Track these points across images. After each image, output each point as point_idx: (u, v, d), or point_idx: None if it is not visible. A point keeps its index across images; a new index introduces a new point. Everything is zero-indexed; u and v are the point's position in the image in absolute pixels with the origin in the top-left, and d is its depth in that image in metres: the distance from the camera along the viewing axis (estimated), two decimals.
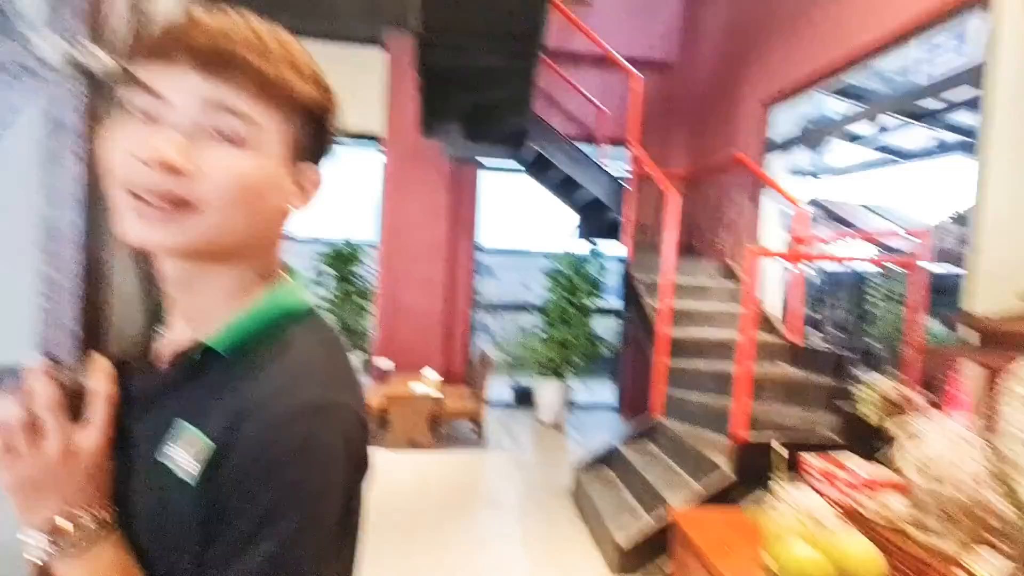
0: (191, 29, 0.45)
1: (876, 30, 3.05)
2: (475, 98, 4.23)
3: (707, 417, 3.11)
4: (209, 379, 0.49)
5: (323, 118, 0.52)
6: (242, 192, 0.46)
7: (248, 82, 0.45)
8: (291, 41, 0.49)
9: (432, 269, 5.18)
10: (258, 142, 0.47)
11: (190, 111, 0.45)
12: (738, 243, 4.26)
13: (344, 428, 0.47)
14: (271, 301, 0.52)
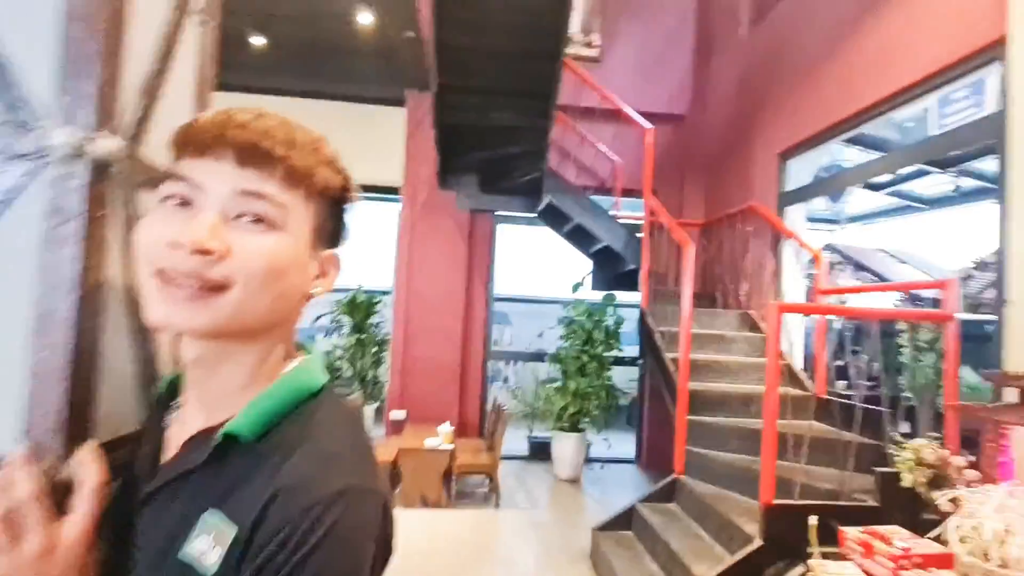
0: (236, 127, 0.48)
1: (888, 84, 3.08)
2: (490, 153, 4.35)
3: (732, 477, 2.95)
4: (230, 464, 0.49)
5: (342, 202, 0.56)
6: (269, 271, 0.48)
7: (278, 170, 0.49)
8: (316, 134, 0.53)
9: (448, 318, 5.18)
10: (286, 224, 0.50)
11: (223, 197, 0.48)
12: (757, 293, 4.18)
13: (373, 515, 0.48)
14: (292, 381, 0.53)
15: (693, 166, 5.43)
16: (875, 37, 3.24)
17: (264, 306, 0.49)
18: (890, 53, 3.09)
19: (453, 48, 3.43)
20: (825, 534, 2.13)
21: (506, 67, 3.61)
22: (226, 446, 0.49)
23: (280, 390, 0.52)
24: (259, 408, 0.50)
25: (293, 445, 0.48)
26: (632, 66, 5.40)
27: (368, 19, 4.10)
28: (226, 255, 0.47)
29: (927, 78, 2.80)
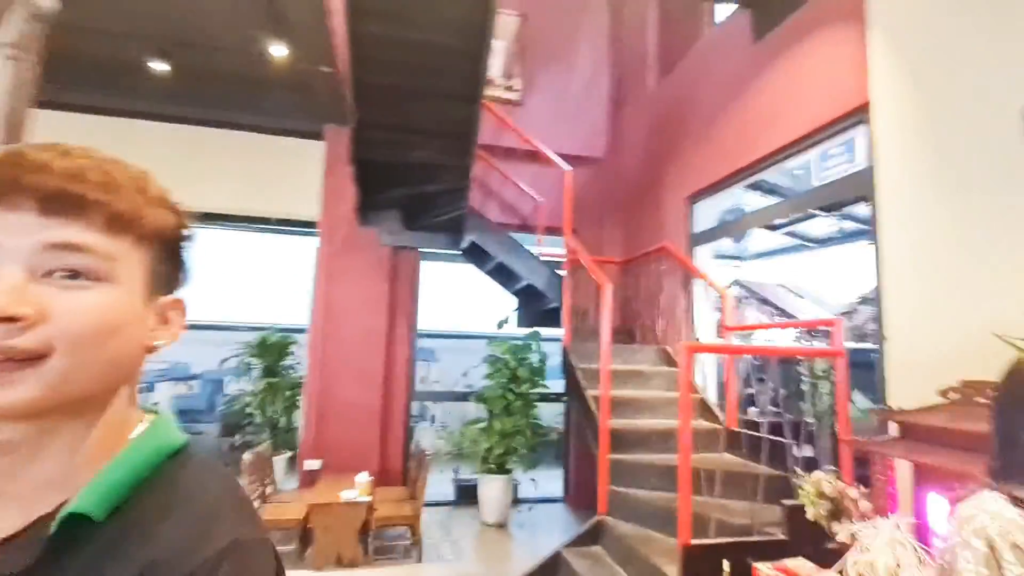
0: (34, 170, 0.41)
1: (778, 137, 3.39)
2: (412, 189, 4.28)
3: (652, 516, 2.96)
4: (68, 559, 0.40)
5: (178, 243, 0.49)
6: (98, 331, 0.42)
7: (97, 217, 0.42)
8: (138, 169, 0.47)
9: (368, 358, 4.94)
10: (112, 275, 0.43)
11: (26, 253, 0.40)
12: (673, 328, 4.36)
13: (266, 567, 0.44)
14: (145, 445, 0.46)
15: (611, 206, 5.66)
16: (765, 94, 3.57)
17: (95, 371, 0.42)
18: (778, 109, 3.41)
19: (371, 86, 3.37)
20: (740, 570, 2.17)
21: (426, 107, 3.60)
22: (64, 535, 0.40)
23: (132, 457, 0.45)
24: (108, 480, 0.43)
25: (159, 514, 0.42)
26: (551, 110, 5.61)
27: (282, 51, 3.96)
28: (40, 320, 0.39)
29: (807, 135, 3.11)
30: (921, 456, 1.81)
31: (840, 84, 2.84)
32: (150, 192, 0.46)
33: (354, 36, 3.06)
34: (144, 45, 4.07)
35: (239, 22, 3.77)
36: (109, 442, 0.45)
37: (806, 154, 3.35)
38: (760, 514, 2.58)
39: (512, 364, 4.78)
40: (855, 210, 5.64)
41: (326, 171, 4.98)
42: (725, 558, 2.17)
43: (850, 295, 6.40)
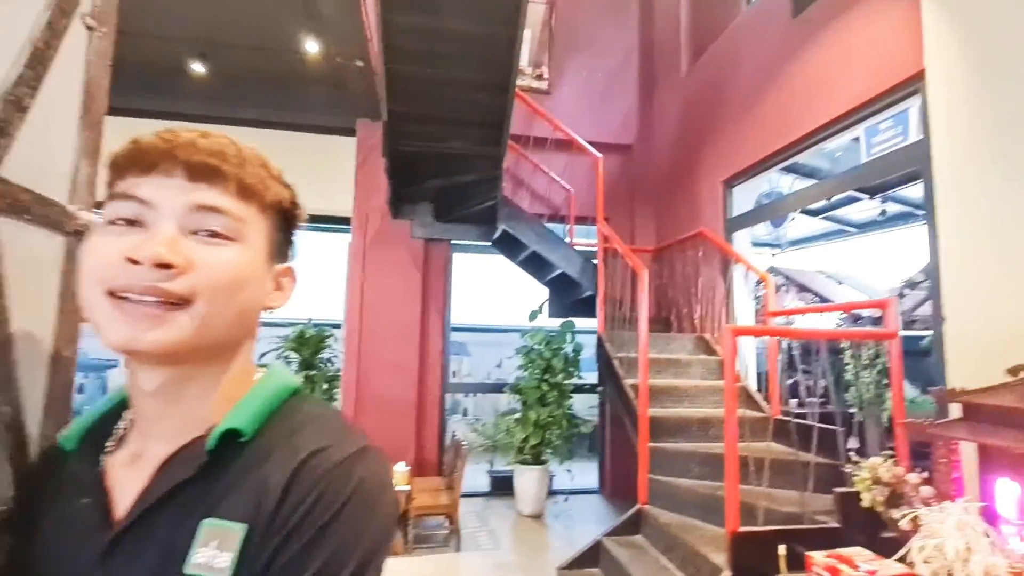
0: (184, 146, 0.48)
1: (817, 116, 3.26)
2: (444, 181, 4.30)
3: (695, 504, 2.91)
4: (218, 471, 0.48)
5: (292, 215, 0.57)
6: (232, 283, 0.48)
7: (232, 184, 0.49)
8: (261, 153, 0.54)
9: (403, 351, 4.99)
10: (243, 237, 0.50)
11: (177, 213, 0.47)
12: (710, 316, 4.26)
13: (388, 471, 0.52)
14: (272, 383, 0.54)
15: (642, 194, 5.57)
16: (805, 72, 3.44)
17: (227, 320, 0.49)
18: (820, 86, 3.28)
19: (403, 78, 3.39)
20: (790, 559, 2.10)
21: (458, 97, 3.60)
22: (217, 450, 0.48)
23: (265, 390, 0.53)
24: (250, 405, 0.51)
25: (296, 430, 0.50)
26: (580, 98, 5.55)
27: (315, 48, 4.02)
28: (187, 269, 0.46)
29: (853, 110, 2.98)
30: (988, 438, 1.71)
31: (890, 54, 2.71)
32: (271, 169, 0.54)
33: (385, 27, 3.07)
34: (183, 48, 4.20)
35: (274, 20, 3.84)
36: (237, 387, 0.52)
37: (851, 132, 3.22)
38: (810, 502, 2.50)
39: (546, 354, 4.76)
40: (901, 192, 5.42)
41: (358, 166, 5.04)
42: (777, 545, 2.10)
43: (894, 280, 6.15)
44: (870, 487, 2.08)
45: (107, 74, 0.71)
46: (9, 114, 0.54)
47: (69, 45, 0.63)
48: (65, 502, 0.51)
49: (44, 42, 0.59)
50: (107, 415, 0.55)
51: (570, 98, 5.49)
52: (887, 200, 5.72)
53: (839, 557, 1.97)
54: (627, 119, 5.67)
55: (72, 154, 0.65)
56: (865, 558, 1.94)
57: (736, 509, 2.28)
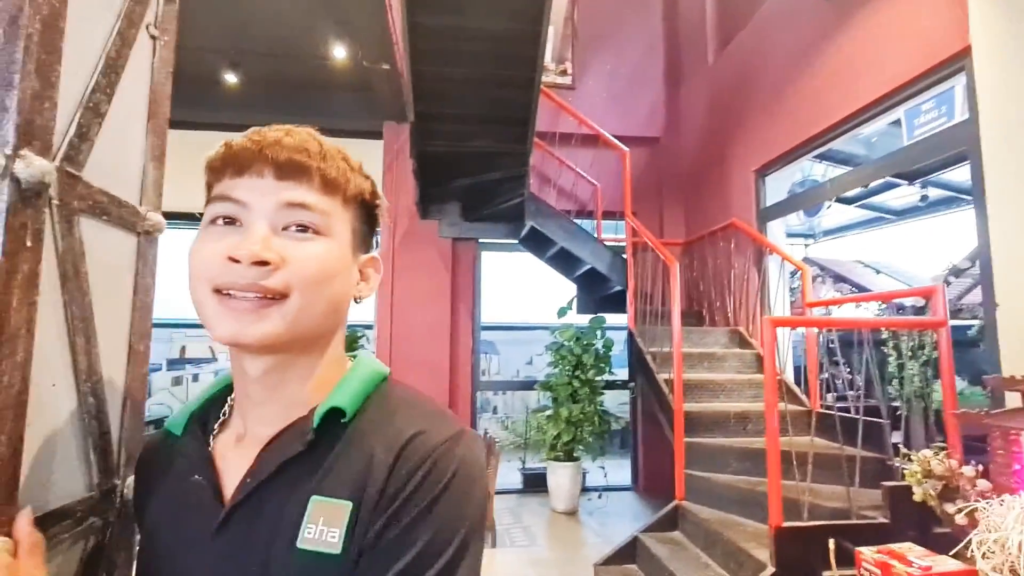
0: (272, 145, 0.51)
1: (856, 99, 3.15)
2: (471, 180, 4.32)
3: (735, 500, 2.86)
4: (322, 449, 0.50)
5: (373, 205, 0.58)
6: (322, 276, 0.51)
7: (316, 180, 0.51)
8: (340, 146, 0.56)
9: (433, 350, 5.05)
10: (330, 230, 0.52)
11: (268, 211, 0.50)
12: (744, 309, 4.18)
13: (482, 449, 0.54)
14: (366, 369, 0.57)
15: (671, 187, 5.49)
16: (840, 55, 3.34)
17: (319, 311, 0.51)
18: (856, 70, 3.18)
19: (429, 78, 3.42)
20: (837, 556, 2.04)
21: (483, 96, 3.62)
22: (321, 430, 0.51)
23: (360, 375, 0.56)
24: (349, 388, 0.54)
25: (393, 412, 0.53)
26: (605, 92, 5.50)
27: (342, 53, 4.10)
28: (281, 265, 0.49)
29: (893, 91, 2.87)
30: None
31: (932, 31, 2.60)
32: (352, 162, 0.56)
33: (411, 29, 3.11)
34: (217, 58, 4.33)
35: (302, 28, 3.93)
36: (332, 373, 0.56)
37: (890, 115, 3.10)
38: (857, 498, 2.43)
39: (576, 351, 4.74)
40: (943, 176, 5.20)
41: (385, 168, 5.12)
42: (823, 541, 2.05)
43: (937, 268, 5.91)
44: (921, 481, 2.01)
45: (169, 81, 0.74)
46: (88, 120, 0.57)
47: (136, 54, 0.66)
48: (176, 481, 0.54)
49: (116, 51, 0.62)
50: (210, 401, 0.59)
51: (595, 92, 5.45)
52: (928, 185, 5.49)
53: (890, 553, 1.91)
54: (653, 111, 5.60)
55: (140, 158, 0.68)
56: (918, 554, 1.87)
57: (779, 504, 2.23)
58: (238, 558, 0.48)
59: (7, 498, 0.47)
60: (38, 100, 0.50)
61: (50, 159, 0.52)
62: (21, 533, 0.46)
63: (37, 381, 0.51)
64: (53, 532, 0.52)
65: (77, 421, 0.57)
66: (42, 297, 0.51)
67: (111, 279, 0.63)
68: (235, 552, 0.48)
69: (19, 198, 0.48)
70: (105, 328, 0.62)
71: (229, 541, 0.49)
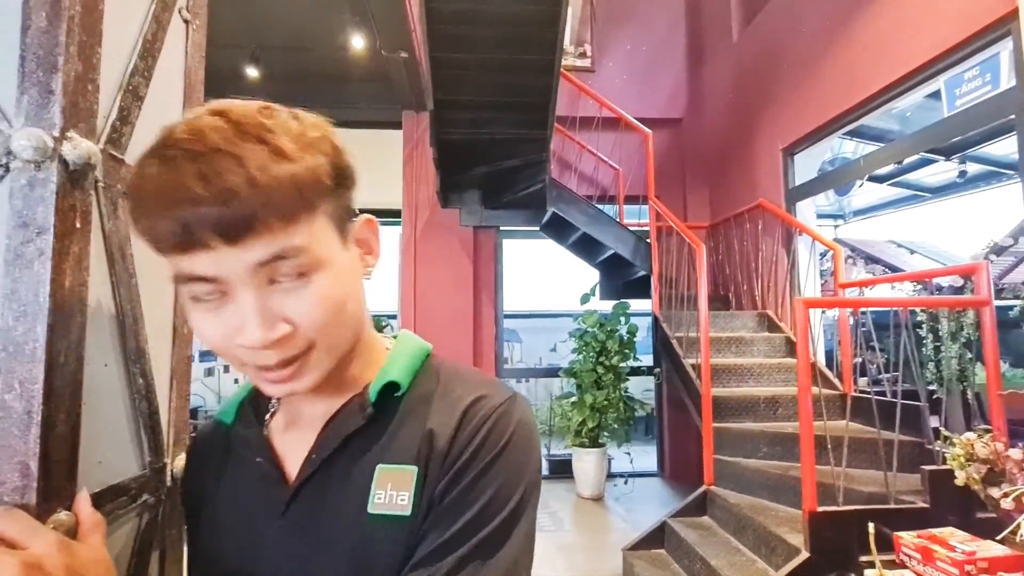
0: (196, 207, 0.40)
1: (891, 71, 3.02)
2: (491, 167, 4.30)
3: (765, 485, 2.82)
4: (381, 422, 0.52)
5: (342, 170, 0.49)
6: (334, 313, 0.47)
7: (273, 223, 0.42)
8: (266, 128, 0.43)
9: (457, 339, 5.08)
10: (319, 259, 0.45)
11: (245, 278, 0.43)
12: (772, 291, 4.09)
13: (531, 412, 0.54)
14: (410, 346, 0.58)
15: (695, 169, 5.38)
16: (874, 25, 3.20)
17: (347, 336, 0.50)
18: (891, 40, 3.04)
19: (447, 64, 3.40)
20: (876, 541, 2.00)
21: (502, 81, 3.58)
22: (378, 404, 0.52)
23: (407, 350, 0.56)
24: (400, 363, 0.54)
25: (446, 384, 0.54)
26: (626, 74, 5.39)
27: (360, 43, 4.10)
28: (294, 331, 0.45)
29: (933, 60, 2.74)
30: None
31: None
32: (289, 153, 0.42)
33: (428, 15, 3.09)
34: (238, 54, 4.38)
35: (321, 20, 3.94)
36: (375, 353, 0.56)
37: (928, 86, 2.97)
38: (894, 482, 2.37)
39: (600, 337, 4.72)
40: (983, 150, 4.97)
41: (405, 157, 5.13)
42: (859, 526, 2.01)
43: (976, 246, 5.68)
44: (965, 464, 1.95)
45: (202, 65, 0.74)
46: (129, 103, 0.58)
47: (171, 37, 0.67)
48: (236, 466, 0.55)
49: (152, 34, 0.62)
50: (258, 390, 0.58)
51: (615, 74, 5.35)
52: (967, 160, 5.26)
53: (931, 538, 1.86)
54: (676, 92, 5.47)
55: None
56: (961, 539, 1.82)
57: (813, 488, 2.19)
58: (308, 532, 0.49)
59: (67, 474, 0.48)
60: (81, 82, 0.50)
61: (95, 141, 0.52)
62: (83, 513, 0.47)
63: (90, 361, 0.52)
64: (109, 508, 0.53)
65: (128, 401, 0.58)
66: (92, 279, 0.52)
67: (154, 262, 0.64)
68: (305, 526, 0.49)
69: (67, 179, 0.48)
70: (151, 310, 0.63)
71: (298, 517, 0.50)
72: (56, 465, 0.46)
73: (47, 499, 0.45)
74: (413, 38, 3.87)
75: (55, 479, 0.46)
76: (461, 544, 0.46)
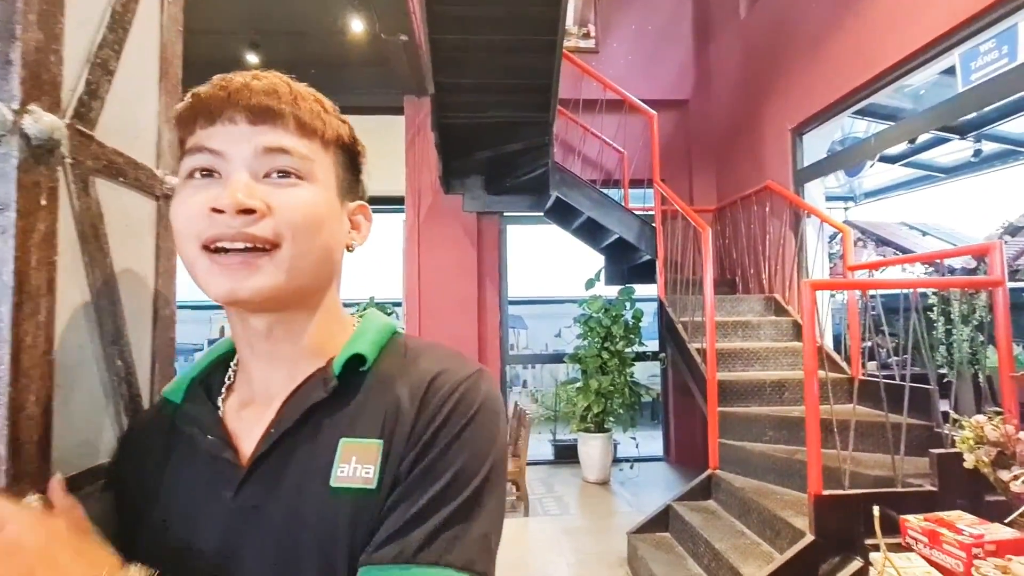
0: (240, 90, 0.48)
1: (904, 46, 2.93)
2: (493, 151, 4.25)
3: (771, 469, 2.80)
4: (344, 396, 0.51)
5: (354, 152, 0.56)
6: (311, 222, 0.49)
7: (291, 123, 0.49)
8: (312, 89, 0.53)
9: (461, 325, 5.07)
10: (313, 175, 0.50)
11: (247, 159, 0.48)
12: (779, 275, 4.03)
13: (497, 386, 0.54)
14: (377, 322, 0.57)
15: (701, 151, 5.29)
16: None
17: (314, 259, 0.50)
18: (904, 13, 2.95)
19: (447, 46, 3.35)
20: (881, 524, 1.98)
21: (503, 63, 3.52)
22: (342, 378, 0.51)
23: (373, 325, 0.56)
24: (366, 338, 0.54)
25: (413, 358, 0.53)
26: (631, 54, 5.29)
27: (360, 26, 4.04)
28: (268, 212, 0.47)
29: (948, 33, 2.65)
30: None
31: None
32: (326, 104, 0.53)
33: None
34: (237, 41, 4.33)
35: (320, 2, 3.88)
36: (338, 325, 0.55)
37: (942, 61, 2.87)
38: (901, 466, 2.35)
39: (605, 322, 4.70)
40: (999, 129, 4.84)
41: (407, 143, 5.08)
42: (865, 509, 1.99)
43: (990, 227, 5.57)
44: (974, 447, 1.92)
45: (179, 40, 0.72)
46: (97, 76, 0.55)
47: (144, 11, 0.64)
48: (185, 448, 0.52)
49: (122, 5, 0.60)
50: (211, 367, 0.57)
51: (620, 55, 5.26)
52: (982, 139, 5.13)
53: (938, 521, 1.84)
54: (682, 72, 5.37)
55: (154, 120, 0.67)
56: (969, 522, 1.80)
57: (819, 472, 2.17)
58: (265, 510, 0.47)
59: (40, 456, 0.47)
60: (43, 53, 0.48)
61: (60, 116, 0.50)
62: (56, 498, 0.45)
63: (64, 343, 0.51)
64: (88, 491, 0.52)
65: (107, 383, 0.57)
66: (62, 258, 0.51)
67: (132, 243, 0.62)
68: (262, 503, 0.48)
69: (30, 155, 0.47)
70: (129, 292, 0.61)
71: (254, 494, 0.48)
72: (26, 447, 0.45)
73: (17, 481, 0.44)
74: (412, 20, 3.81)
75: (25, 461, 0.45)
76: (430, 516, 0.45)
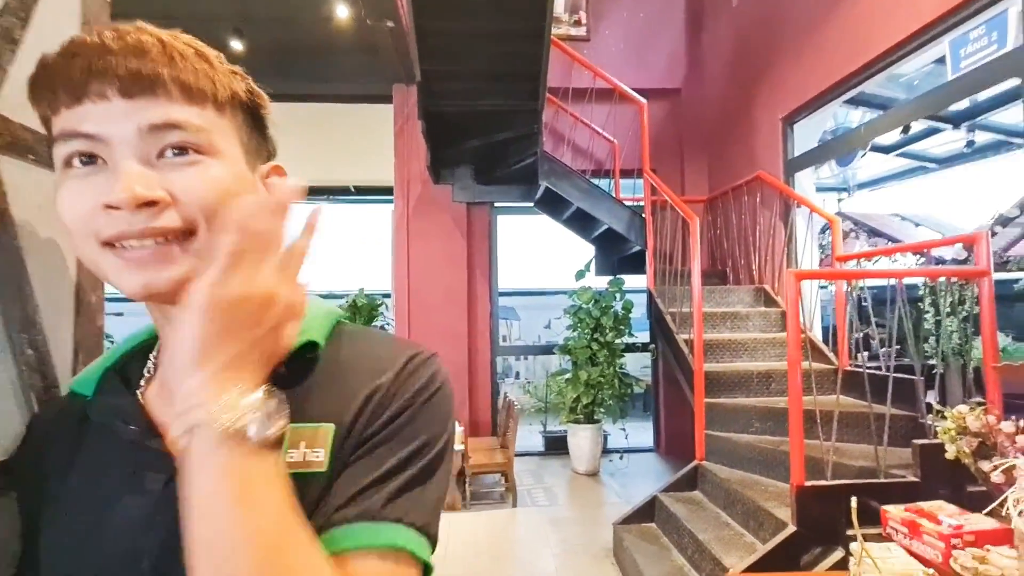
0: (101, 54, 0.40)
1: (894, 33, 2.89)
2: (482, 140, 4.20)
3: (756, 460, 2.80)
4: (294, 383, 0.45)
5: (256, 110, 0.49)
6: (222, 198, 0.42)
7: (173, 89, 0.42)
8: (196, 42, 0.45)
9: (451, 317, 5.05)
10: (213, 146, 0.43)
11: (132, 142, 0.41)
12: (769, 266, 4.01)
13: (446, 371, 0.52)
14: (323, 308, 0.52)
15: (692, 141, 5.25)
16: None
17: None
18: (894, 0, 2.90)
19: (434, 34, 3.28)
20: (863, 515, 1.98)
21: (491, 50, 3.46)
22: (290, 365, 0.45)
23: (319, 312, 0.51)
24: (313, 324, 0.48)
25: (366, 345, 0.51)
26: (622, 43, 5.23)
27: (345, 12, 3.96)
28: (171, 201, 0.41)
29: (939, 19, 2.61)
30: None
31: None
32: (212, 59, 0.45)
33: None
34: (221, 27, 4.24)
35: None
36: None
37: (932, 51, 2.84)
38: (884, 457, 2.34)
39: (595, 313, 4.68)
40: (992, 118, 4.82)
41: (396, 132, 5.02)
42: (847, 500, 1.98)
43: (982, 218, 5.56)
44: (955, 438, 1.91)
45: (106, 11, 0.68)
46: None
47: None
48: (99, 442, 0.48)
49: None
50: (128, 356, 0.53)
51: (611, 43, 5.19)
52: (975, 129, 5.11)
53: (919, 511, 1.83)
54: (673, 61, 5.31)
55: None
56: (949, 512, 1.79)
57: (801, 462, 2.17)
58: None
59: None
60: None
61: None
62: None
63: None
64: None
65: (14, 373, 0.54)
66: None
67: (46, 226, 0.59)
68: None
69: None
70: (48, 280, 0.58)
71: None
72: None
73: None
74: (398, 5, 3.74)
75: None
76: (391, 479, 0.44)
